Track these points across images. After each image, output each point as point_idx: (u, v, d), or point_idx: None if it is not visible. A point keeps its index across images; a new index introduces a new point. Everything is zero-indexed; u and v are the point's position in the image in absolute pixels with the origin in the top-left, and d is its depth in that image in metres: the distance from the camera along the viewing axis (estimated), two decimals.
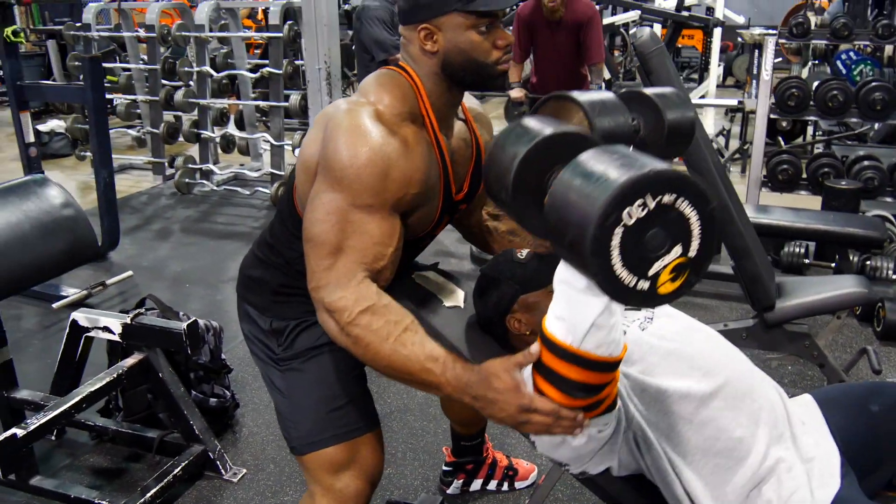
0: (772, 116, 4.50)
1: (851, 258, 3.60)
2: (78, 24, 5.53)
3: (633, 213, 0.93)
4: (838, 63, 7.72)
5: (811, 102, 4.11)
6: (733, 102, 5.06)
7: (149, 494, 2.06)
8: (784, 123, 6.45)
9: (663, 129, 1.61)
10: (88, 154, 5.13)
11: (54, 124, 6.14)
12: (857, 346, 3.10)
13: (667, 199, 0.94)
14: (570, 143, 1.09)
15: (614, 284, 0.96)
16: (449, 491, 2.23)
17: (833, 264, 3.61)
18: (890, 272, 3.47)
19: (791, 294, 2.58)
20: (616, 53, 7.39)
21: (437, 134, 1.38)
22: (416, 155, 1.32)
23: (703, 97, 7.14)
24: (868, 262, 3.55)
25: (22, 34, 3.78)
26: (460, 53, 1.32)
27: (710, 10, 7.45)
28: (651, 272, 0.97)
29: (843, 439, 1.49)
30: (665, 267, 0.97)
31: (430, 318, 1.54)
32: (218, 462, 2.30)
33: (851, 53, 7.79)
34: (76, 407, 2.02)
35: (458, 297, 1.62)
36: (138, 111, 5.79)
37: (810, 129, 6.78)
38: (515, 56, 4.67)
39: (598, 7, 6.90)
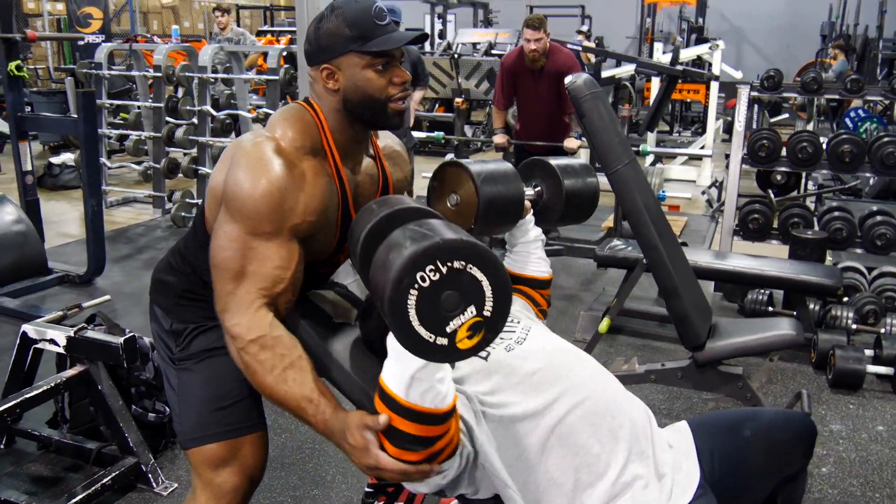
0: (768, 170, 4.63)
1: (813, 307, 3.62)
2: (91, 64, 5.82)
3: (427, 277, 1.05)
4: (847, 120, 7.80)
5: (783, 154, 4.19)
6: (709, 153, 5.13)
7: (73, 501, 2.15)
8: (778, 177, 6.49)
9: (562, 196, 1.75)
10: None
11: (66, 157, 6.42)
12: (812, 393, 3.11)
13: (457, 264, 1.06)
14: (409, 217, 1.26)
15: (414, 341, 1.08)
16: None
17: (794, 312, 3.63)
18: (849, 321, 3.49)
19: (723, 335, 2.63)
20: (626, 108, 7.54)
21: (339, 167, 1.48)
22: (313, 187, 1.42)
23: (702, 148, 7.23)
24: (830, 311, 3.57)
25: (25, 69, 4.01)
26: (357, 91, 1.43)
27: (710, 65, 7.58)
28: (448, 329, 1.08)
29: (710, 462, 1.54)
30: (461, 325, 1.08)
31: (320, 334, 1.62)
32: (150, 475, 2.38)
33: (860, 111, 7.86)
34: (9, 412, 2.13)
35: (349, 315, 1.71)
36: (146, 147, 6.04)
37: (811, 185, 6.79)
38: (499, 103, 4.83)
39: (594, 60, 7.08)
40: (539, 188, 1.75)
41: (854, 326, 3.48)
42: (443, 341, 1.08)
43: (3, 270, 2.17)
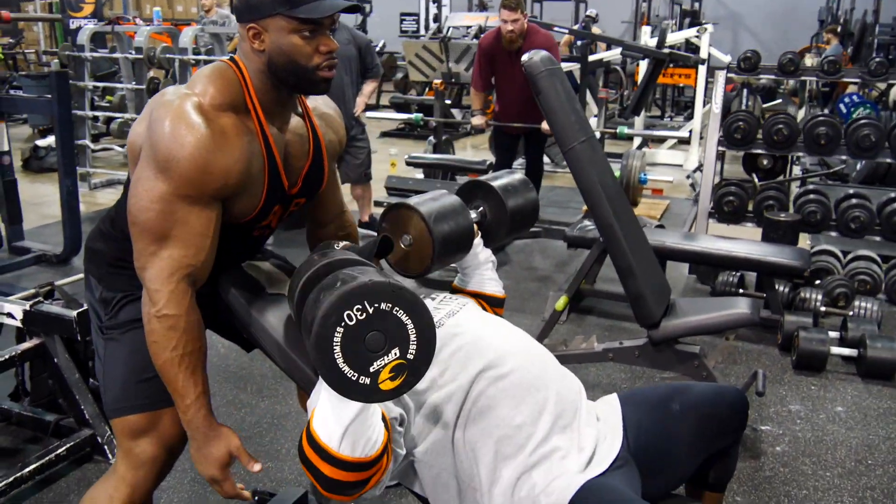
0: (751, 153, 4.69)
1: (783, 289, 3.63)
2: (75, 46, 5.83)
3: (353, 315, 1.09)
4: (841, 105, 7.78)
5: (759, 136, 4.18)
6: (685, 134, 5.11)
7: (26, 470, 2.18)
8: (765, 161, 6.47)
9: (506, 215, 1.77)
10: (79, 169, 5.35)
11: (51, 140, 6.40)
12: (774, 374, 3.13)
13: (383, 306, 1.10)
14: (346, 265, 1.30)
15: (338, 378, 1.11)
16: None
17: (764, 294, 3.64)
18: (817, 303, 3.49)
19: (678, 314, 2.64)
20: (604, 91, 7.50)
21: (263, 125, 1.47)
22: (234, 146, 1.41)
23: (690, 132, 7.20)
24: (800, 293, 3.58)
25: (1, 52, 4.02)
26: (282, 55, 1.41)
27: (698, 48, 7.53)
28: (372, 369, 1.11)
29: (635, 436, 1.54)
30: (385, 366, 1.12)
31: (252, 304, 1.64)
32: (106, 447, 2.41)
33: (854, 96, 7.84)
34: None
35: (284, 287, 1.72)
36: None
37: (797, 170, 6.77)
38: (476, 85, 4.81)
39: (579, 42, 7.05)
40: (482, 209, 1.77)
41: (822, 308, 3.48)
42: (365, 380, 1.11)
43: None
